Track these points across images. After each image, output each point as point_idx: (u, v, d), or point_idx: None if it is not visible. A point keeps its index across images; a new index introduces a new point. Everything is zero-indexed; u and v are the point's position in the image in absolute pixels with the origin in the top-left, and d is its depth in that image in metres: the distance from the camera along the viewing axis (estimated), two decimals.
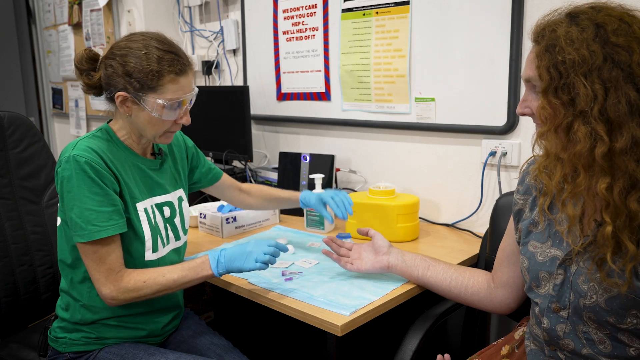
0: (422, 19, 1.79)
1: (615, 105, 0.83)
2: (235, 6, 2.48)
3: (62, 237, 1.29)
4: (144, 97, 1.21)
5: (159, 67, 1.20)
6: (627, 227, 0.86)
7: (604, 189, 0.85)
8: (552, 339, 1.01)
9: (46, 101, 3.89)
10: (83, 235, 1.17)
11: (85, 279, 1.27)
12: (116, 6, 2.89)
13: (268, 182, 2.21)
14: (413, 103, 1.85)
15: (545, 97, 0.89)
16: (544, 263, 1.01)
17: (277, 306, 1.26)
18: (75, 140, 1.24)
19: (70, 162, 1.18)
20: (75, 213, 1.18)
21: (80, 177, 1.17)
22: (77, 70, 1.28)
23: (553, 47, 0.87)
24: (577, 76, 0.84)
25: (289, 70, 2.25)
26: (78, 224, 1.18)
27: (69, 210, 1.19)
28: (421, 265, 1.30)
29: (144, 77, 1.20)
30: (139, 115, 1.24)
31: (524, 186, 1.11)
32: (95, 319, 1.28)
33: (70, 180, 1.18)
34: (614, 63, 0.83)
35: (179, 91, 1.24)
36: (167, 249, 1.34)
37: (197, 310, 2.15)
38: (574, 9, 0.90)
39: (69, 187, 1.18)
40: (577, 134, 0.85)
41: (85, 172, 1.17)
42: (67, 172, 1.18)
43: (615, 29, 0.84)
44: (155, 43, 1.23)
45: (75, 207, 1.18)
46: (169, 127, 1.27)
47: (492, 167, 1.71)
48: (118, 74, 1.21)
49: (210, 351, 1.36)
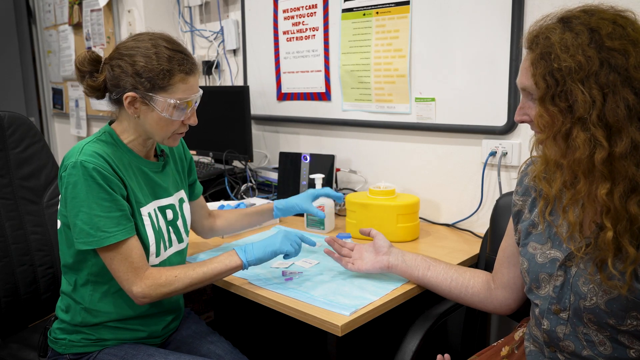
0: (423, 19, 1.79)
1: (614, 110, 0.82)
2: (235, 6, 2.48)
3: (62, 240, 1.28)
4: (154, 97, 1.20)
5: (170, 66, 1.19)
6: (628, 231, 0.86)
7: (605, 194, 0.85)
8: (551, 341, 1.01)
9: (46, 101, 3.89)
10: (91, 243, 1.16)
11: (88, 282, 1.26)
12: (116, 6, 2.89)
13: (268, 182, 2.21)
14: (413, 103, 1.85)
15: (542, 105, 0.89)
16: (544, 264, 1.01)
17: (277, 306, 1.26)
18: (79, 144, 1.22)
19: (77, 167, 1.15)
20: (82, 219, 1.16)
21: (88, 184, 1.15)
22: (79, 72, 1.25)
23: (548, 54, 0.87)
24: (574, 83, 0.84)
25: (289, 70, 2.25)
26: (85, 230, 1.16)
27: (73, 217, 1.17)
28: (421, 266, 1.30)
29: (155, 76, 1.18)
30: (147, 117, 1.22)
31: (522, 187, 1.11)
32: (96, 322, 1.27)
33: (76, 187, 1.16)
34: (610, 67, 0.83)
35: (188, 91, 1.23)
36: (170, 251, 1.33)
37: (197, 311, 2.15)
38: (566, 13, 0.89)
39: (75, 193, 1.16)
40: (576, 141, 0.85)
41: (94, 178, 1.15)
42: (74, 178, 1.15)
43: (610, 32, 0.84)
44: (164, 43, 1.22)
45: (82, 213, 1.16)
46: (176, 128, 1.26)
47: (493, 167, 1.71)
48: (127, 73, 1.19)
49: (211, 351, 1.36)
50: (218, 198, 2.14)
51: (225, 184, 2.18)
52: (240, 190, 2.18)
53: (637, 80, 0.82)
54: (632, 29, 0.85)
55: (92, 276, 1.25)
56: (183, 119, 1.26)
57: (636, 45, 0.83)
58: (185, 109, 1.24)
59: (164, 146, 1.39)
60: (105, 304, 1.26)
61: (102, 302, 1.26)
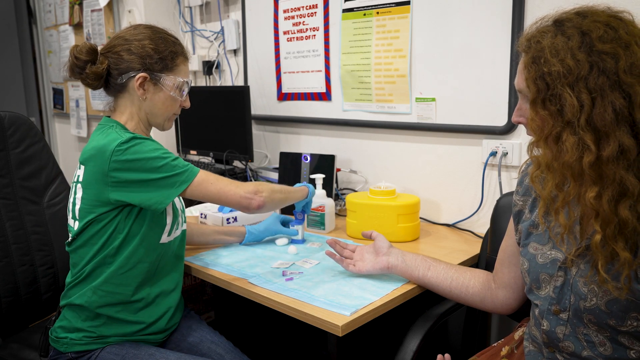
0: (423, 19, 1.79)
1: (602, 114, 0.82)
2: (235, 6, 2.48)
3: (99, 236, 1.26)
4: (163, 77, 1.32)
5: (175, 48, 1.34)
6: (619, 235, 0.86)
7: (592, 198, 0.85)
8: (551, 341, 1.01)
9: (47, 101, 3.89)
10: (188, 177, 1.23)
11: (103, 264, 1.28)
12: (117, 6, 2.89)
13: (269, 182, 2.21)
14: (414, 103, 1.85)
15: (533, 109, 0.89)
16: (545, 265, 1.01)
17: (278, 306, 1.26)
18: (109, 135, 1.24)
19: (129, 141, 1.21)
20: (164, 170, 1.21)
21: (148, 142, 1.24)
22: (76, 62, 1.28)
23: (539, 58, 0.87)
24: (563, 87, 0.84)
25: (289, 70, 2.25)
26: (173, 173, 1.22)
27: (154, 174, 1.21)
28: (422, 266, 1.30)
29: (165, 57, 1.31)
30: (154, 98, 1.33)
31: (523, 187, 1.11)
32: (105, 303, 1.28)
33: (138, 153, 1.21)
34: (599, 71, 0.82)
35: (187, 73, 1.38)
36: (176, 233, 1.38)
37: (197, 310, 2.15)
38: (560, 15, 0.90)
39: (142, 157, 1.21)
40: (566, 144, 0.85)
41: (147, 139, 1.25)
42: (133, 147, 1.21)
43: (601, 35, 0.83)
44: (163, 30, 1.36)
45: (160, 167, 1.21)
46: (175, 109, 1.38)
47: (493, 167, 1.71)
48: (139, 55, 1.29)
49: (211, 351, 1.37)
50: None
51: None
52: None
53: (627, 84, 0.82)
54: (626, 31, 0.84)
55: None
56: (181, 101, 1.38)
57: (627, 49, 0.83)
58: (184, 91, 1.37)
59: None
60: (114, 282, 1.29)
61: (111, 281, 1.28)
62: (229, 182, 1.29)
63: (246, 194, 1.28)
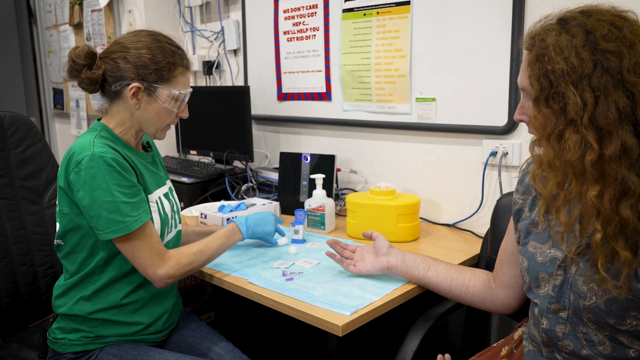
0: (423, 19, 1.79)
1: (605, 113, 0.82)
2: (236, 6, 2.48)
3: (83, 245, 1.27)
4: (158, 88, 1.27)
5: (174, 59, 1.28)
6: (620, 234, 0.86)
7: (594, 196, 0.85)
8: (550, 340, 1.01)
9: (47, 101, 3.89)
10: (121, 229, 1.18)
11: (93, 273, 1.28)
12: (117, 6, 2.90)
13: (269, 182, 2.21)
14: (414, 103, 1.85)
15: (536, 106, 0.89)
16: (544, 264, 1.01)
17: (278, 306, 1.26)
18: (84, 141, 1.23)
19: (95, 160, 1.18)
20: (107, 209, 1.18)
21: (109, 173, 1.18)
22: (74, 65, 1.27)
23: (543, 56, 0.87)
24: (567, 85, 0.84)
25: (289, 71, 2.25)
26: (112, 219, 1.18)
27: (97, 208, 1.18)
28: (422, 266, 1.30)
29: (161, 68, 1.26)
30: (148, 108, 1.28)
31: (523, 186, 1.11)
32: (93, 309, 1.28)
33: (96, 178, 1.17)
34: (603, 70, 0.83)
35: (186, 84, 1.33)
36: (170, 236, 1.37)
37: (197, 310, 2.15)
38: (565, 14, 0.89)
39: (96, 184, 1.17)
40: (568, 143, 0.85)
41: (113, 167, 1.19)
42: (94, 170, 1.17)
43: (605, 34, 0.83)
44: (165, 39, 1.31)
45: (106, 203, 1.18)
46: (171, 120, 1.33)
47: (493, 167, 1.71)
48: (133, 65, 1.25)
49: (211, 351, 1.37)
50: (219, 198, 2.14)
51: (225, 184, 2.18)
52: (240, 190, 2.18)
53: (630, 83, 0.82)
54: (630, 30, 0.84)
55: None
56: (178, 112, 1.33)
57: (632, 48, 0.83)
58: (179, 102, 1.32)
59: (148, 139, 1.45)
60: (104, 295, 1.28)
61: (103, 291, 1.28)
62: (152, 254, 1.22)
63: (160, 274, 1.23)
